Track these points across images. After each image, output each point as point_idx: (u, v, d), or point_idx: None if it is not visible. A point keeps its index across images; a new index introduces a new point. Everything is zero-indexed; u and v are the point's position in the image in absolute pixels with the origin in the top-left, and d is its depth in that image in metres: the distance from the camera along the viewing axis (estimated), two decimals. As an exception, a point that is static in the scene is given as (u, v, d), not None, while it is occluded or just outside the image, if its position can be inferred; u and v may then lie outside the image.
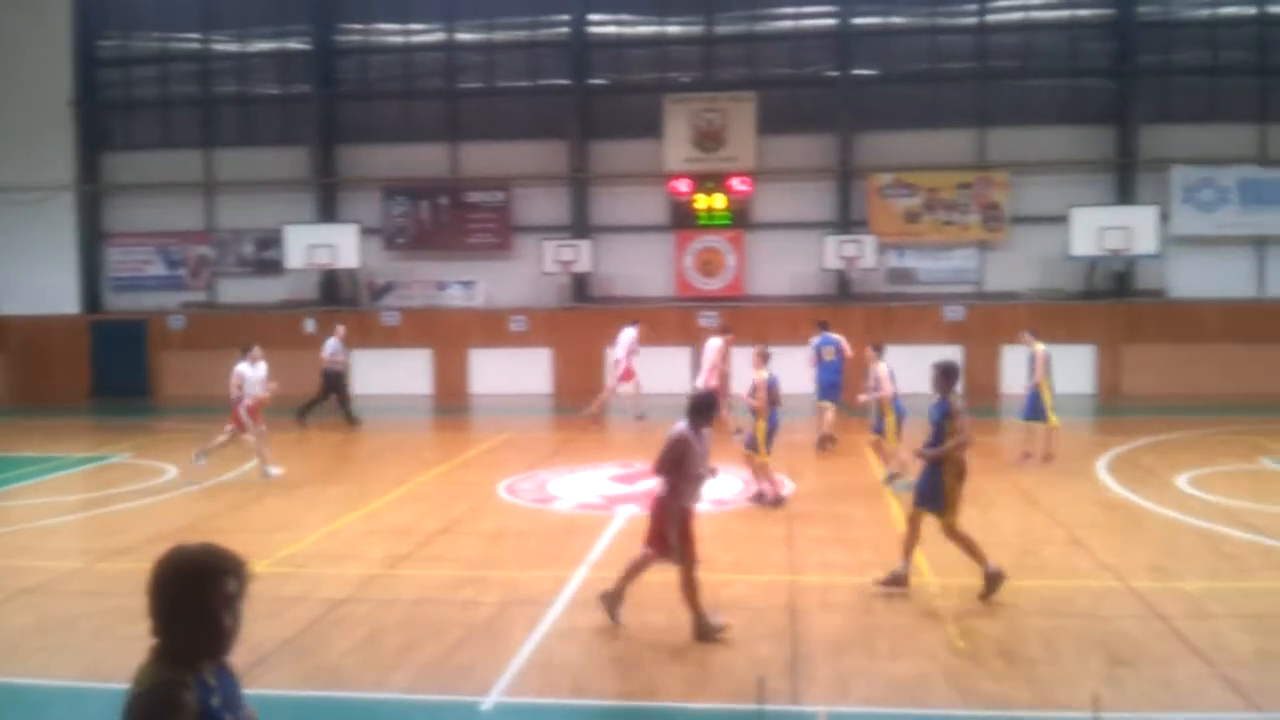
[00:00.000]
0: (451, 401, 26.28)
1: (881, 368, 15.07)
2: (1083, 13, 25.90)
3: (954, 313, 25.32)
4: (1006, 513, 12.96)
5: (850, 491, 14.12)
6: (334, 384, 21.32)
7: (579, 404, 23.82)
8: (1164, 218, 24.56)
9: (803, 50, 26.70)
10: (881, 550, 11.06)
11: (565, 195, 27.06)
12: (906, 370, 25.74)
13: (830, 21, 26.35)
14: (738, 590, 9.68)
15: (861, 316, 25.56)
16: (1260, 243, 25.22)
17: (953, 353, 24.64)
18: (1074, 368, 24.29)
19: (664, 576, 10.14)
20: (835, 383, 17.39)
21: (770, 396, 13.64)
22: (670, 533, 8.43)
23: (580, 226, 26.82)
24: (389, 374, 26.76)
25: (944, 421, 9.33)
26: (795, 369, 26.34)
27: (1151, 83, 25.39)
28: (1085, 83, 25.97)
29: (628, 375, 21.18)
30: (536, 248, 26.45)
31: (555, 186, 27.12)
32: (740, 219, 26.53)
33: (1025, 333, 16.83)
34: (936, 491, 9.35)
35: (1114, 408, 23.19)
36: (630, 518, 12.65)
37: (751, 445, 13.57)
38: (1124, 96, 25.31)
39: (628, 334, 21.34)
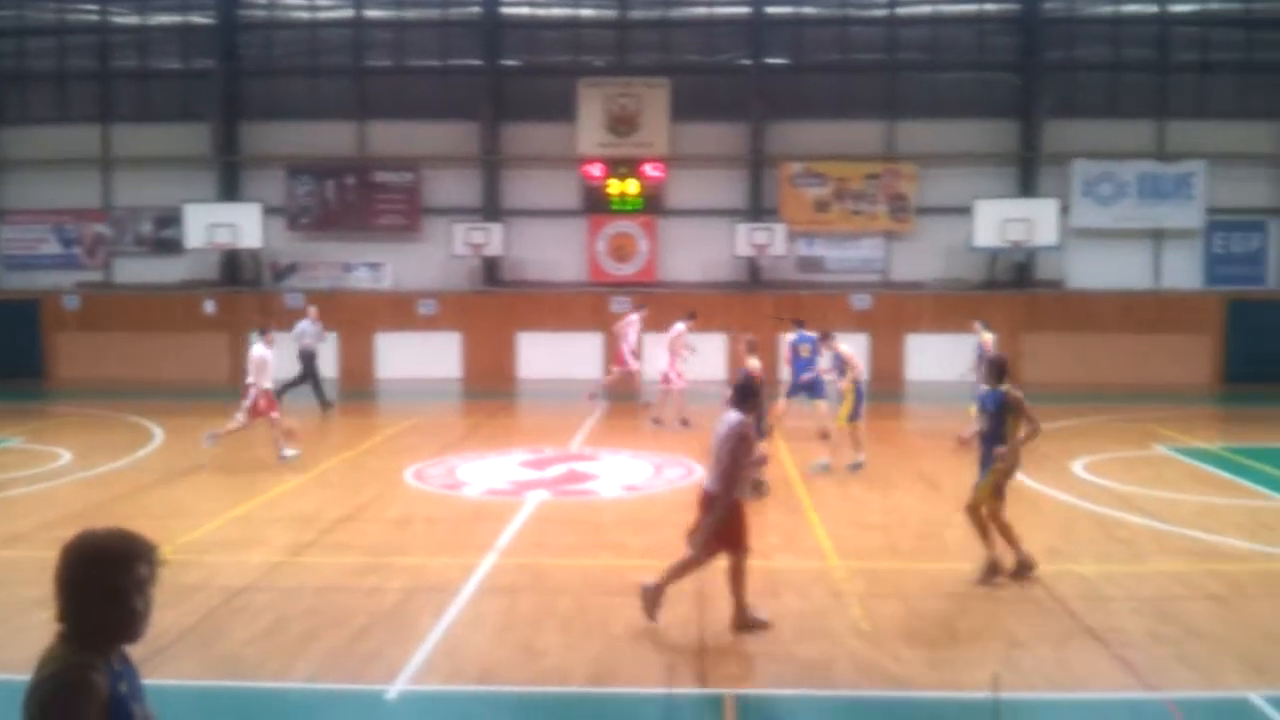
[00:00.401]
0: (357, 386, 25.83)
1: (845, 349, 15.21)
2: (990, 7, 26.43)
3: (861, 301, 25.71)
4: (909, 496, 13.22)
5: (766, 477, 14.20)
6: (307, 366, 20.64)
7: (489, 388, 23.65)
8: (1064, 210, 25.23)
9: (716, 38, 26.78)
10: (790, 536, 11.18)
11: (476, 177, 26.76)
12: (818, 356, 26.07)
13: (743, 10, 26.47)
14: (646, 575, 9.64)
15: (771, 304, 25.82)
16: (1156, 235, 26.08)
17: (859, 340, 25.13)
18: (955, 357, 24.88)
19: (553, 563, 10.13)
20: (816, 379, 17.42)
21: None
22: (708, 525, 8.17)
23: (491, 209, 26.56)
24: (291, 357, 26.11)
25: (1002, 413, 9.47)
26: (711, 354, 26.65)
27: (1055, 78, 26.03)
28: (991, 77, 26.52)
29: (620, 360, 21.13)
30: (446, 230, 26.12)
31: (466, 168, 26.79)
32: (653, 205, 26.54)
33: (976, 322, 17.51)
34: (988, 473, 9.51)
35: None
36: (541, 503, 12.60)
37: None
38: (1028, 91, 25.91)
39: (629, 320, 21.21)
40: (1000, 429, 9.48)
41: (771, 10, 26.42)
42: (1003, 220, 24.37)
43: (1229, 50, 25.98)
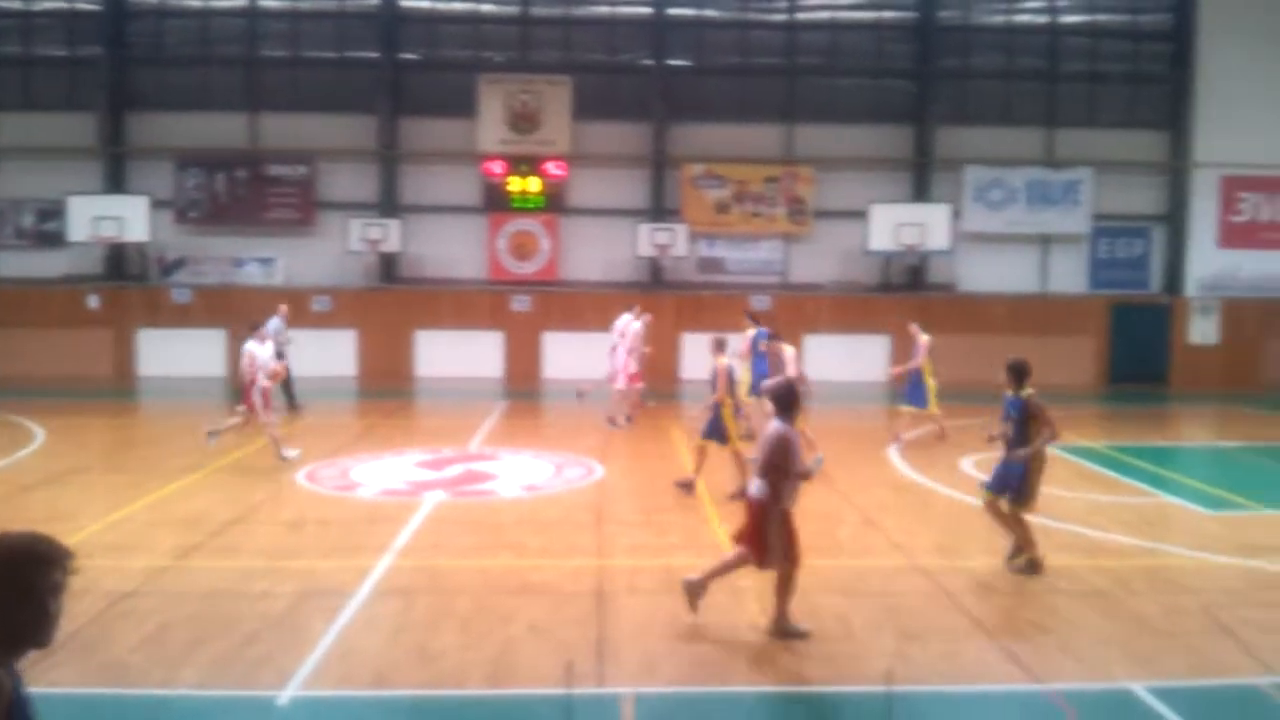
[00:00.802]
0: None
1: (789, 351, 15.31)
2: (887, 15, 26.93)
3: (760, 302, 25.94)
4: (805, 493, 13.31)
5: (663, 476, 14.24)
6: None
7: (385, 387, 23.27)
8: (956, 215, 25.86)
9: (618, 37, 26.78)
10: (691, 534, 11.21)
11: (374, 172, 26.29)
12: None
13: (645, 10, 26.52)
14: (546, 575, 9.62)
15: (673, 304, 25.94)
16: (1044, 240, 26.90)
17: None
18: (871, 357, 25.40)
19: (451, 564, 10.01)
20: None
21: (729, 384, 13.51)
22: (772, 536, 8.13)
23: (389, 205, 26.13)
24: (179, 355, 25.42)
25: (1023, 418, 9.75)
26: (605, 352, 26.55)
27: (949, 85, 26.65)
28: (888, 83, 27.04)
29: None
30: (342, 225, 25.61)
31: (363, 163, 26.31)
32: (555, 203, 26.42)
33: (913, 324, 18.10)
34: (1020, 482, 9.76)
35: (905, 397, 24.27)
36: (438, 504, 12.43)
37: (718, 434, 13.20)
38: (923, 98, 26.49)
39: (626, 320, 20.88)
40: (1024, 434, 9.76)
41: (673, 12, 26.52)
42: (897, 224, 24.87)
43: (1116, 61, 26.90)
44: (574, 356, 25.57)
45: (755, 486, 8.27)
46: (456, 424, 18.68)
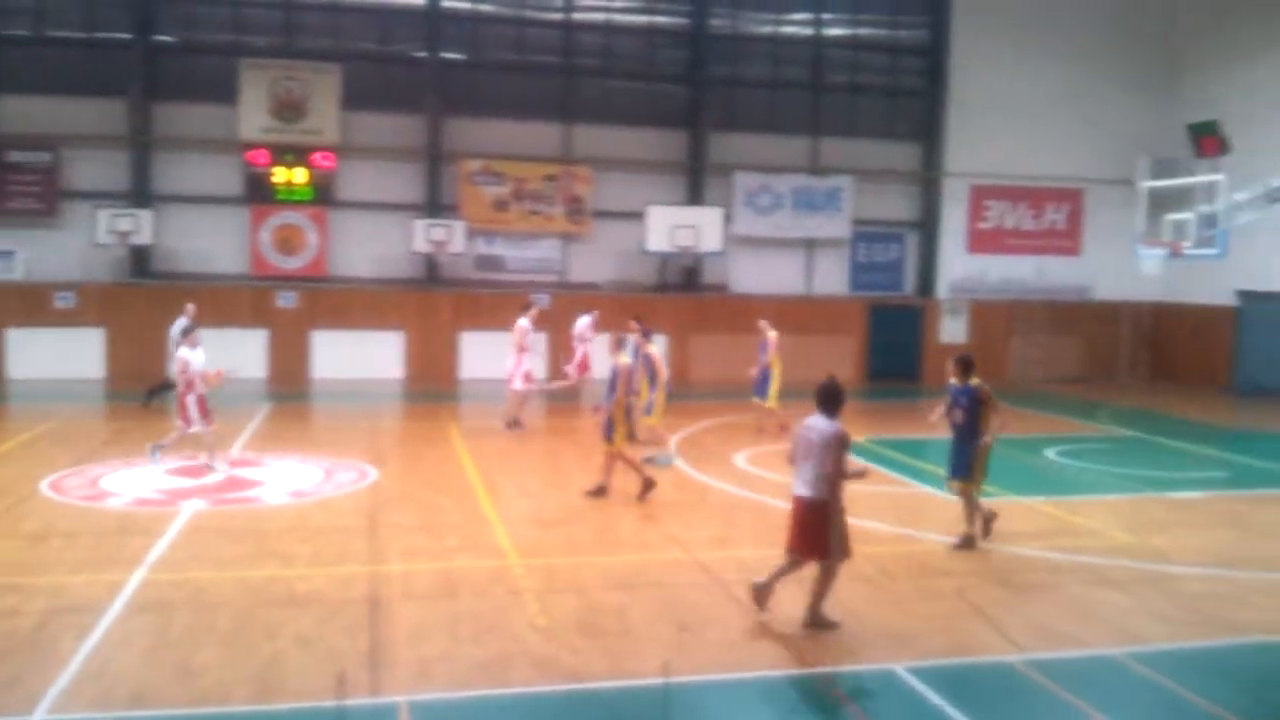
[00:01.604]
0: (-18, 387, 23.02)
1: (655, 350, 15.19)
2: (660, 20, 27.39)
3: (539, 301, 25.87)
4: (580, 492, 13.36)
5: (441, 478, 13.94)
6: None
7: (137, 389, 21.76)
8: (728, 219, 26.59)
9: (391, 27, 26.04)
10: (470, 536, 11.00)
11: (124, 160, 24.53)
12: (497, 355, 26.03)
13: (419, 1, 25.94)
14: (315, 584, 9.21)
15: (450, 302, 25.50)
16: (810, 244, 28.05)
17: (538, 339, 25.28)
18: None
19: (212, 576, 9.47)
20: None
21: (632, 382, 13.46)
22: (833, 532, 8.27)
23: (141, 195, 24.43)
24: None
25: (975, 406, 10.65)
26: (387, 353, 25.89)
27: (720, 92, 27.38)
28: (662, 87, 27.49)
29: (583, 366, 20.39)
30: (89, 216, 23.75)
31: (113, 150, 24.50)
32: (323, 195, 25.41)
33: (761, 320, 18.69)
34: (968, 463, 10.74)
35: (683, 393, 24.72)
36: (197, 513, 11.71)
37: (610, 433, 12.84)
38: (696, 103, 27.09)
39: (584, 321, 20.05)
40: (975, 421, 10.65)
41: (448, 4, 26.06)
42: (672, 226, 25.33)
43: (876, 75, 28.36)
44: (345, 356, 24.77)
45: (811, 485, 8.32)
46: (216, 428, 17.66)
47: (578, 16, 26.76)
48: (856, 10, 28.03)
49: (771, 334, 18.35)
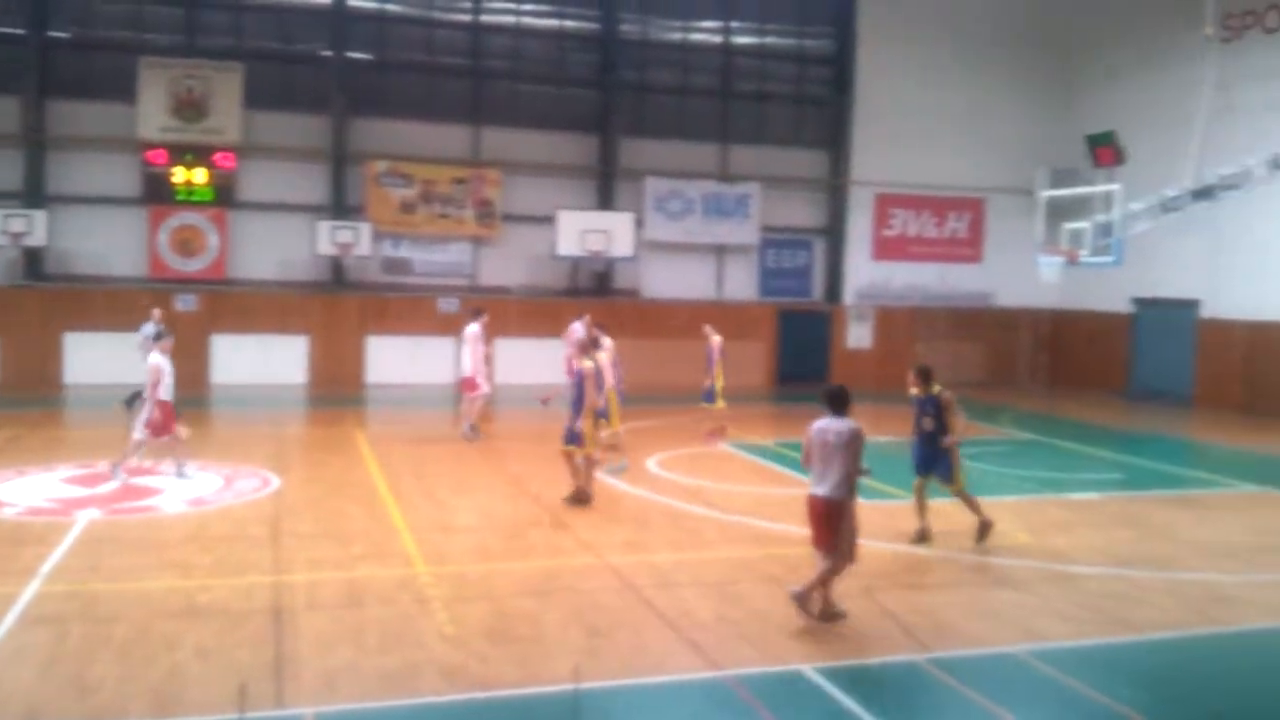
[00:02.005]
0: None
1: (603, 357, 14.94)
2: (570, 24, 27.36)
3: (448, 305, 25.62)
4: (496, 498, 13.27)
5: (346, 485, 13.68)
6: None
7: (30, 395, 20.97)
8: (639, 224, 26.66)
9: (295, 26, 25.53)
10: (376, 544, 10.81)
11: (18, 159, 23.60)
12: (405, 360, 25.72)
13: (324, 0, 25.48)
14: (216, 595, 8.95)
15: (356, 306, 25.08)
16: (719, 250, 28.27)
17: (444, 343, 25.09)
18: (560, 361, 25.63)
19: (109, 588, 9.18)
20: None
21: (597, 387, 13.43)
22: (845, 529, 8.56)
23: (34, 195, 23.55)
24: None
25: (939, 413, 11.15)
26: (291, 357, 25.33)
27: (631, 98, 27.45)
28: (572, 92, 27.46)
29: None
30: (-22, 216, 22.83)
31: (5, 148, 23.53)
32: (224, 196, 24.77)
33: (706, 326, 19.07)
34: (948, 466, 11.20)
35: (594, 398, 24.77)
36: (93, 522, 11.30)
37: (575, 439, 12.70)
38: (606, 108, 27.11)
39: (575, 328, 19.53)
40: (942, 424, 11.13)
41: (354, 4, 25.66)
42: (583, 231, 25.29)
43: (783, 83, 28.75)
44: (246, 361, 24.18)
45: (835, 487, 8.53)
46: (113, 435, 17.07)
47: (487, 19, 26.60)
48: (764, 19, 28.37)
49: (716, 339, 18.64)
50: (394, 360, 25.08)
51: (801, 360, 28.13)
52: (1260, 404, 23.63)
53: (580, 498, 12.76)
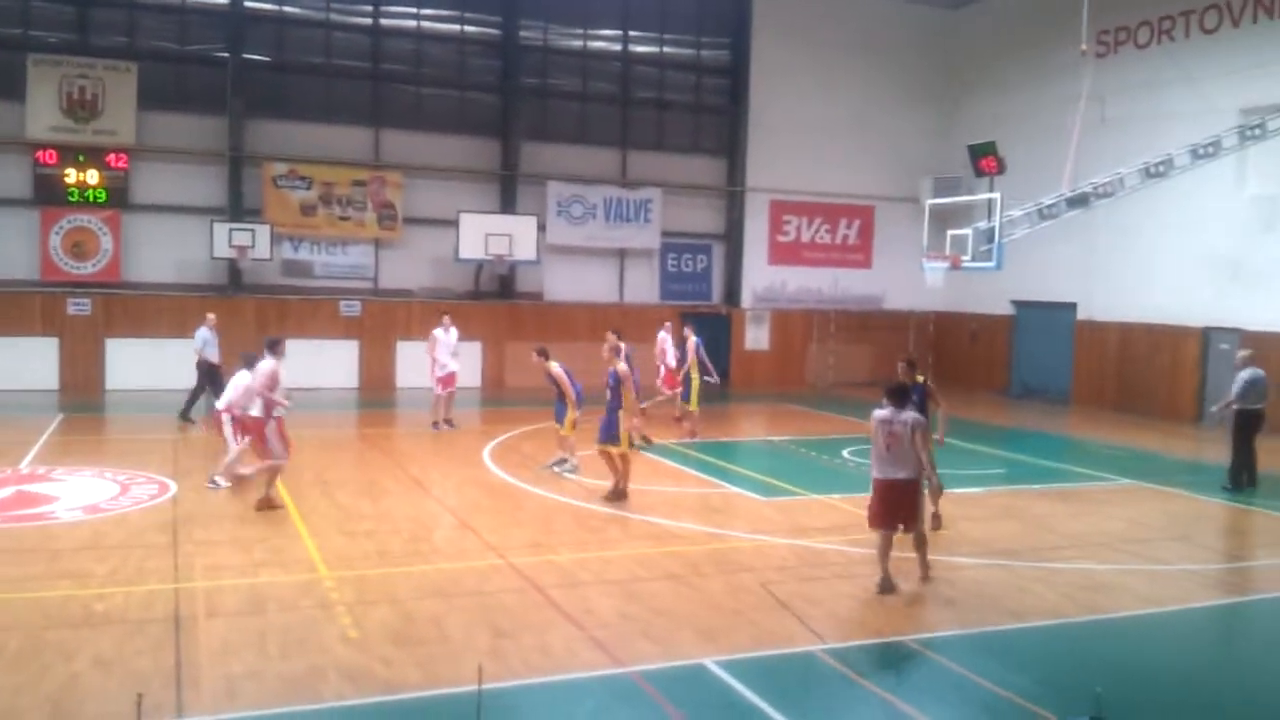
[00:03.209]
0: None
1: (554, 366, 15.30)
2: (471, 29, 27.33)
3: (350, 308, 25.41)
4: (399, 500, 13.29)
5: (246, 491, 13.54)
6: (210, 376, 18.85)
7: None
8: (541, 228, 26.77)
9: (190, 26, 25.03)
10: (277, 549, 10.77)
11: (-105, 159, 22.77)
12: (306, 363, 25.38)
13: (221, 0, 25.04)
14: (113, 604, 8.85)
15: (254, 308, 24.69)
16: (621, 254, 28.56)
17: (346, 346, 24.91)
18: (465, 363, 25.59)
19: (4, 596, 9.03)
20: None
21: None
22: (919, 507, 9.85)
23: (-86, 196, 22.73)
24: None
25: (922, 399, 11.44)
26: (186, 360, 24.78)
27: (532, 102, 27.54)
28: (474, 96, 27.42)
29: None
30: None
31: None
32: (118, 198, 24.17)
33: (685, 327, 19.74)
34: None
35: (497, 399, 24.79)
36: (-22, 532, 11.03)
37: (613, 439, 13.32)
38: (507, 113, 27.15)
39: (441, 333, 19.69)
40: (926, 414, 11.25)
41: (251, 5, 25.26)
42: (486, 234, 25.29)
43: (681, 92, 29.18)
44: (142, 365, 23.63)
45: (910, 468, 9.59)
46: (5, 440, 16.64)
47: (387, 22, 26.43)
48: (662, 29, 28.77)
49: (693, 339, 19.14)
50: (295, 364, 24.62)
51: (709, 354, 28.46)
52: (1131, 402, 24.84)
53: (618, 494, 13.29)
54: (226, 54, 24.83)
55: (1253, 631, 9.83)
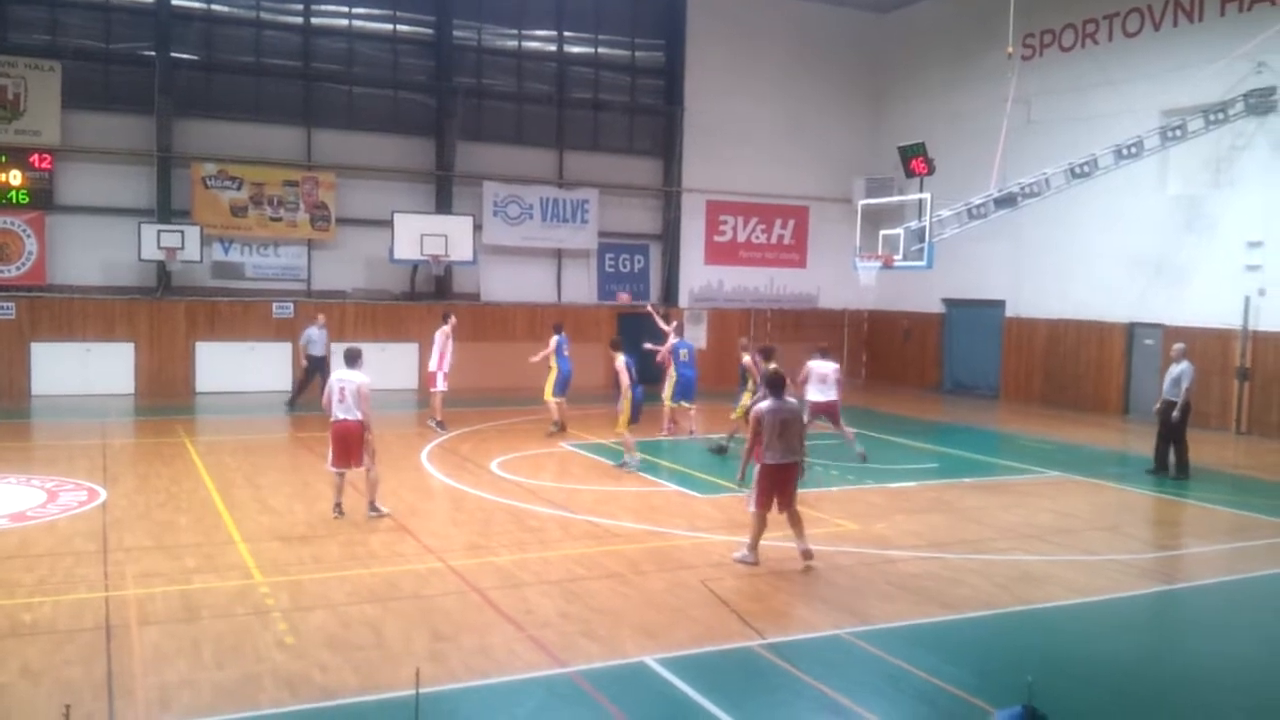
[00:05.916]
0: None
1: (618, 360, 16.30)
2: (404, 29, 27.11)
3: (283, 309, 25.07)
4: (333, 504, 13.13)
5: (178, 496, 13.33)
6: (318, 366, 21.30)
7: None
8: (478, 228, 26.63)
9: (116, 24, 24.49)
10: (209, 555, 10.62)
11: None
12: (238, 366, 25.04)
13: (147, -2, 24.58)
14: (41, 613, 8.67)
15: (184, 311, 24.28)
16: (558, 254, 28.54)
17: (280, 349, 24.57)
18: (401, 365, 25.45)
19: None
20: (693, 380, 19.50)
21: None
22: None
23: None
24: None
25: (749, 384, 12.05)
26: (116, 365, 24.28)
27: (466, 102, 27.38)
28: (408, 96, 27.21)
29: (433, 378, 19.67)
30: None
31: None
32: (42, 199, 23.59)
33: (671, 325, 20.38)
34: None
35: (434, 402, 24.63)
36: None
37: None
38: (442, 113, 26.97)
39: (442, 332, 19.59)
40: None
41: (178, 3, 24.79)
42: (421, 234, 25.11)
43: (617, 93, 29.24)
44: (69, 369, 23.12)
45: (798, 451, 10.56)
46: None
47: (318, 21, 26.12)
48: (597, 30, 28.81)
49: (672, 340, 19.60)
50: (226, 367, 24.39)
51: (640, 362, 28.52)
52: (1058, 396, 25.43)
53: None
54: (153, 52, 24.36)
55: (1181, 619, 10.11)
